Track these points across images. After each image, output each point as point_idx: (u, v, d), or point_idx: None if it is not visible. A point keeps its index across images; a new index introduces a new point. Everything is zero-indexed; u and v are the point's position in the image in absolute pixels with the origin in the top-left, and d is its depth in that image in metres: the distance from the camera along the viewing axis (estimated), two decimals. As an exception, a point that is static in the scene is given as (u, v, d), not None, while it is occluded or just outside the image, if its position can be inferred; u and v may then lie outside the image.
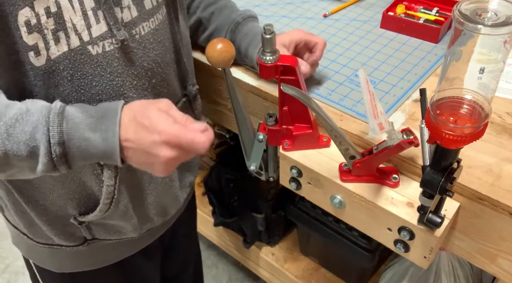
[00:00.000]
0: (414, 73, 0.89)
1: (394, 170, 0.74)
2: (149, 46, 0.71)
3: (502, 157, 0.71)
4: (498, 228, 0.68)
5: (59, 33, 0.61)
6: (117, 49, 0.66)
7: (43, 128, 0.58)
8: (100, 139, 0.60)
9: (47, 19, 0.59)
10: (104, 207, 0.75)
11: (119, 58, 0.67)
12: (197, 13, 0.91)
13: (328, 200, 0.78)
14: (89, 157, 0.61)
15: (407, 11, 1.01)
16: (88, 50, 0.64)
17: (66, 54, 0.62)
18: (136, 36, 0.68)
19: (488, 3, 0.50)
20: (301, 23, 1.05)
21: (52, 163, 0.59)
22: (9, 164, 0.59)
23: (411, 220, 0.68)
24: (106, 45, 0.65)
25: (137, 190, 0.80)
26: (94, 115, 0.61)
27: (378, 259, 1.30)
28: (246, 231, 1.48)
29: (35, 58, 0.61)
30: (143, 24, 0.69)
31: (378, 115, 0.66)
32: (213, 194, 1.52)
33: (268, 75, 0.70)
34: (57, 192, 0.74)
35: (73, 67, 0.64)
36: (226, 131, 1.57)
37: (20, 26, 0.58)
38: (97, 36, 0.64)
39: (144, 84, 0.72)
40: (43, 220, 0.77)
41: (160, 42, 0.73)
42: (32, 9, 0.58)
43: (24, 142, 0.58)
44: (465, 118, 0.54)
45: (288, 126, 0.76)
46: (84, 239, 0.83)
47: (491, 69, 0.52)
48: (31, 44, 0.59)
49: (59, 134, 0.58)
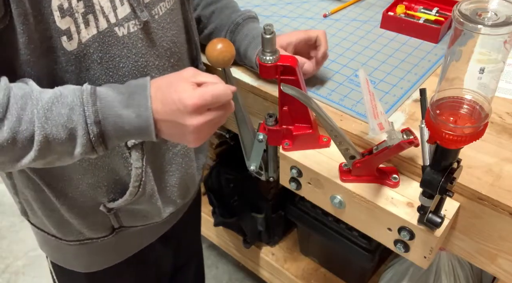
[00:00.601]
0: (414, 73, 0.89)
1: (394, 170, 0.74)
2: (167, 26, 0.72)
3: (502, 157, 0.71)
4: (498, 228, 0.68)
5: (89, 16, 0.62)
6: (140, 30, 0.68)
7: (79, 109, 0.59)
8: (134, 115, 0.61)
9: (78, 2, 0.60)
10: (133, 190, 0.76)
11: (143, 39, 0.68)
12: (197, 11, 0.91)
13: (328, 200, 0.78)
14: (125, 134, 0.62)
15: (407, 11, 1.01)
16: (115, 32, 0.65)
17: (95, 37, 0.63)
18: (155, 16, 0.70)
19: (488, 3, 0.50)
20: (301, 23, 1.05)
21: (90, 144, 0.60)
22: (49, 148, 0.60)
23: (411, 220, 0.68)
24: (130, 26, 0.66)
25: (161, 172, 0.81)
26: (124, 92, 0.62)
27: (378, 259, 1.30)
28: (246, 231, 1.48)
29: (68, 43, 0.61)
30: (160, 4, 0.70)
31: (378, 115, 0.66)
32: (213, 194, 1.52)
33: (268, 75, 0.70)
34: (86, 181, 0.75)
35: (102, 50, 0.65)
36: (226, 131, 1.57)
37: (53, 11, 0.59)
38: (122, 18, 0.65)
39: (165, 64, 0.74)
40: (73, 213, 0.78)
41: (175, 22, 0.75)
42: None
43: (62, 125, 0.59)
44: (465, 118, 0.54)
45: (288, 126, 0.76)
46: (112, 229, 0.84)
47: (491, 69, 0.52)
48: (64, 29, 0.60)
49: (95, 114, 0.59)
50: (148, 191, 0.79)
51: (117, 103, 0.61)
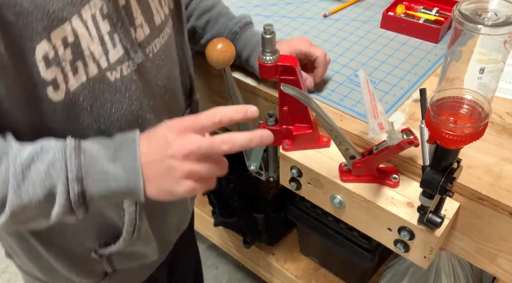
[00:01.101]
0: (414, 73, 0.89)
1: (394, 170, 0.74)
2: (161, 63, 0.69)
3: (502, 157, 0.71)
4: (498, 228, 0.68)
5: (77, 63, 0.57)
6: (133, 72, 0.63)
7: (60, 163, 0.54)
8: (121, 170, 0.56)
9: (65, 50, 0.55)
10: (127, 236, 0.72)
11: (136, 81, 0.64)
12: (190, 22, 0.88)
13: (328, 200, 0.78)
14: (109, 194, 0.56)
15: (407, 11, 1.01)
16: (107, 77, 0.60)
17: (84, 85, 0.58)
18: (150, 55, 0.66)
19: (488, 3, 0.50)
20: (301, 23, 1.05)
21: (69, 204, 0.55)
22: (24, 210, 0.54)
23: (411, 220, 0.68)
24: (123, 69, 0.62)
25: (155, 212, 0.78)
26: (111, 146, 0.58)
27: (378, 259, 1.30)
28: (246, 231, 1.48)
29: (54, 93, 0.56)
30: (155, 41, 0.66)
31: (378, 115, 0.66)
32: (213, 194, 1.52)
33: (268, 75, 0.70)
34: (75, 228, 0.71)
35: (93, 97, 0.60)
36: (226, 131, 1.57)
37: (38, 62, 0.53)
38: (115, 61, 0.60)
39: (159, 103, 0.70)
40: (61, 260, 0.74)
41: (170, 57, 0.71)
42: (49, 41, 0.53)
43: (40, 183, 0.53)
44: (465, 118, 0.54)
45: (288, 126, 0.76)
46: (105, 274, 0.80)
47: (491, 69, 0.52)
48: (49, 79, 0.55)
49: (77, 168, 0.54)
50: (143, 234, 0.75)
51: (103, 157, 0.56)
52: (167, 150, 0.56)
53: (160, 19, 0.67)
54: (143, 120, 0.67)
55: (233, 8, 0.97)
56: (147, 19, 0.64)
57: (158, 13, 0.67)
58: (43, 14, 0.51)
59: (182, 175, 0.57)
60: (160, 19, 0.67)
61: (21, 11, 0.50)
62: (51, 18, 0.52)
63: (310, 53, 0.83)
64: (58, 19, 0.53)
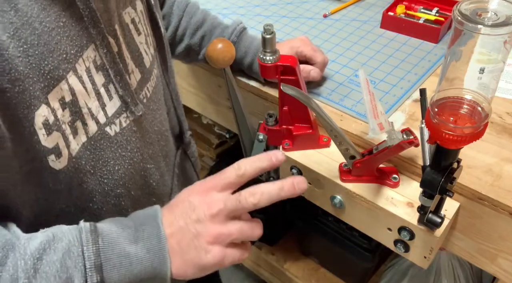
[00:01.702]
0: (414, 73, 0.89)
1: (394, 170, 0.74)
2: (154, 106, 0.65)
3: (502, 157, 0.71)
4: (498, 228, 0.68)
5: (76, 123, 0.52)
6: (132, 122, 0.60)
7: (77, 250, 0.48)
8: (144, 251, 0.50)
9: (63, 111, 0.50)
10: None
11: (136, 131, 0.61)
12: (184, 41, 0.87)
13: (328, 200, 0.78)
14: (132, 279, 0.50)
15: (407, 11, 1.01)
16: (107, 133, 0.56)
17: (85, 145, 0.54)
18: (144, 100, 0.62)
19: (488, 3, 0.50)
20: (301, 23, 1.05)
21: None
22: None
23: (411, 220, 0.68)
24: (122, 121, 0.58)
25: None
26: (131, 225, 0.52)
27: (378, 259, 1.30)
28: (246, 231, 1.48)
29: (56, 161, 0.51)
30: (147, 85, 0.63)
31: (378, 115, 0.66)
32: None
33: (268, 75, 0.70)
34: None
35: (94, 157, 0.56)
36: (226, 131, 1.57)
37: (37, 129, 0.48)
38: (113, 114, 0.57)
39: (157, 150, 0.67)
40: None
41: (160, 100, 0.68)
42: (47, 105, 0.48)
43: (55, 275, 0.47)
44: (465, 118, 0.54)
45: (288, 126, 0.76)
46: None
47: (491, 69, 0.52)
48: (51, 147, 0.50)
49: (95, 255, 0.48)
50: None
51: (123, 239, 0.50)
52: (191, 215, 0.52)
53: (149, 60, 0.64)
54: (145, 172, 0.64)
55: (233, 8, 0.97)
56: (138, 63, 0.61)
57: (147, 55, 0.64)
58: (39, 76, 0.47)
59: (210, 240, 0.51)
60: (149, 61, 0.64)
61: (17, 76, 0.45)
62: (47, 79, 0.48)
63: (312, 58, 0.83)
64: (54, 78, 0.49)
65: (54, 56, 0.48)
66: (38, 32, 0.46)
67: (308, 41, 0.85)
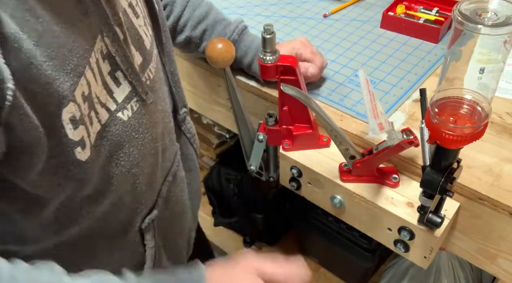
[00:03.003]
0: (414, 73, 0.89)
1: (394, 170, 0.75)
2: (157, 86, 0.67)
3: (502, 157, 0.71)
4: (498, 228, 0.68)
5: (91, 113, 0.53)
6: (142, 105, 0.62)
7: None
8: None
9: (84, 104, 0.51)
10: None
11: (145, 114, 0.62)
12: (185, 32, 0.86)
13: (328, 200, 0.78)
14: None
15: (407, 11, 1.01)
16: (120, 118, 0.58)
17: (100, 133, 0.55)
18: (147, 82, 0.63)
19: (488, 3, 0.50)
20: (301, 23, 1.05)
21: None
22: None
23: (411, 220, 0.68)
24: (133, 105, 0.60)
25: (168, 238, 0.77)
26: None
27: (378, 259, 1.30)
28: (246, 231, 1.48)
29: (82, 153, 0.52)
30: (149, 67, 0.64)
31: (378, 115, 0.66)
32: (213, 194, 1.53)
33: (268, 76, 0.70)
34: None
35: (111, 143, 0.57)
36: (226, 131, 1.57)
37: (65, 125, 0.49)
38: (123, 100, 0.58)
39: (162, 128, 0.68)
40: None
41: (161, 78, 0.69)
42: (74, 102, 0.50)
43: None
44: (465, 118, 0.54)
45: (288, 126, 0.76)
46: None
47: (491, 69, 0.52)
48: (77, 140, 0.51)
49: None
50: (164, 266, 0.76)
51: None
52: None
53: (149, 42, 0.65)
54: (154, 150, 0.66)
55: (233, 8, 0.97)
56: (138, 46, 0.62)
57: (146, 37, 0.64)
58: (64, 76, 0.48)
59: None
60: (149, 43, 0.65)
61: (46, 80, 0.46)
62: (71, 77, 0.49)
63: (311, 62, 0.83)
64: (76, 76, 0.50)
65: (73, 54, 0.49)
66: (57, 34, 0.47)
67: (308, 43, 0.85)
